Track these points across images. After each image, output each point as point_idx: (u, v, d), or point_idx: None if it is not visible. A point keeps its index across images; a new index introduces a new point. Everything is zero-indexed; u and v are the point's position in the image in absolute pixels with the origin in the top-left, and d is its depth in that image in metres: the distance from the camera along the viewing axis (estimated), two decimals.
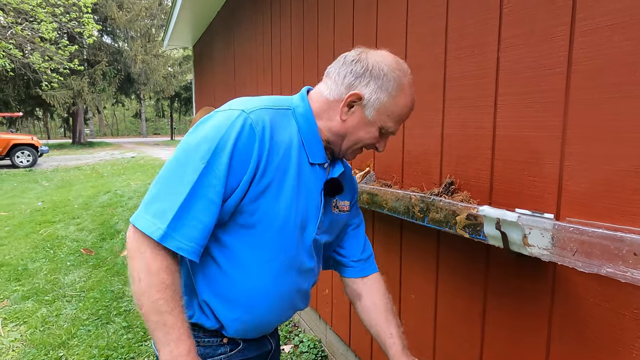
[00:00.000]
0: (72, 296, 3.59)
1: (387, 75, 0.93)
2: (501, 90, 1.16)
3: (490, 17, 1.18)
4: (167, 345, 0.81)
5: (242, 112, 0.88)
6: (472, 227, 1.14)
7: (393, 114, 0.94)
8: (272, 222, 0.91)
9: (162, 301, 0.80)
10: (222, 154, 0.83)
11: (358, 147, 1.00)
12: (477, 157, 1.25)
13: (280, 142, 0.91)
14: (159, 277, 0.81)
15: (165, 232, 0.80)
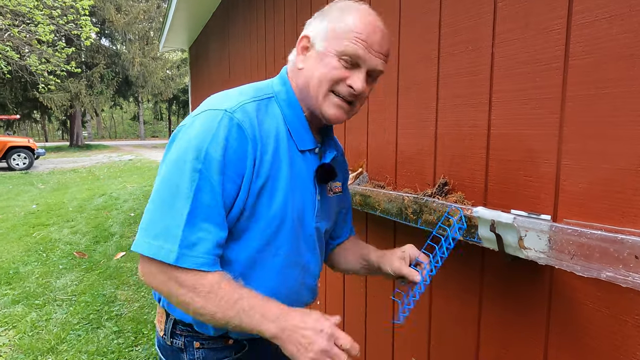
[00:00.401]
0: (63, 300, 3.53)
1: (331, 7, 0.92)
2: (496, 87, 1.12)
3: (484, 11, 1.14)
4: (261, 324, 0.78)
5: (225, 112, 0.84)
6: (466, 229, 1.10)
7: (344, 32, 0.87)
8: (271, 219, 0.89)
9: (225, 298, 0.78)
10: (214, 162, 0.80)
11: (326, 89, 0.89)
12: (472, 157, 1.20)
13: (269, 136, 0.88)
14: (207, 284, 0.79)
15: (179, 252, 0.77)
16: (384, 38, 0.91)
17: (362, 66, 0.89)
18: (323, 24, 0.91)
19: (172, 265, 0.77)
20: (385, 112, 1.60)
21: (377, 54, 0.89)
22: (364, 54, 0.87)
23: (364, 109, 1.73)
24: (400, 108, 1.52)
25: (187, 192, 0.79)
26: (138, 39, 26.35)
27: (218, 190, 0.81)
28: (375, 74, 0.93)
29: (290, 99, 0.95)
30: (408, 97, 1.47)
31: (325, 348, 0.75)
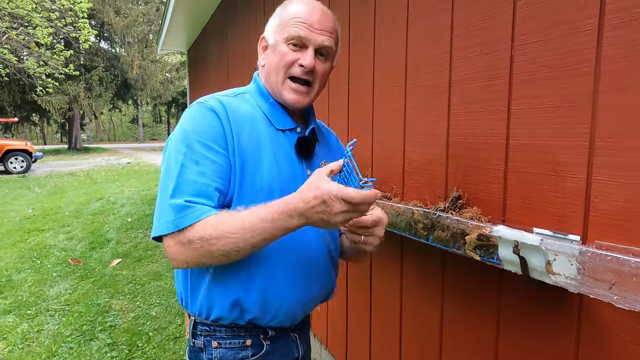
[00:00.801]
0: (56, 310, 3.42)
1: (277, 10, 1.03)
2: (516, 93, 1.02)
3: (502, 11, 1.05)
4: (282, 221, 0.81)
5: (199, 103, 0.96)
6: (484, 248, 1.00)
7: (288, 21, 0.97)
8: (259, 190, 0.93)
9: (244, 216, 0.82)
10: (195, 142, 0.89)
11: (282, 75, 1.00)
12: (488, 169, 1.11)
13: (243, 117, 0.97)
14: (221, 222, 0.83)
15: (176, 218, 0.84)
16: (324, 16, 0.99)
17: (309, 45, 0.97)
18: (273, 21, 1.03)
19: (179, 230, 0.84)
20: (391, 117, 1.51)
21: (319, 32, 0.97)
22: (306, 33, 0.96)
23: (368, 115, 1.64)
24: (408, 114, 1.42)
25: (174, 171, 0.88)
26: (137, 41, 26.26)
27: (204, 163, 0.88)
28: (325, 50, 1.00)
29: (261, 91, 1.06)
30: (416, 102, 1.38)
31: (341, 210, 0.76)
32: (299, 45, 0.97)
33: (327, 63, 1.03)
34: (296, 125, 1.07)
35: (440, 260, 1.30)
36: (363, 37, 1.67)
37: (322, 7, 1.01)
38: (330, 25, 1.00)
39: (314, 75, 1.00)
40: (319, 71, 1.00)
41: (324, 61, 1.02)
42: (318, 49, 0.98)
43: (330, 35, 1.00)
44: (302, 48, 0.98)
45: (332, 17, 1.03)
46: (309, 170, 1.05)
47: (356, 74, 1.74)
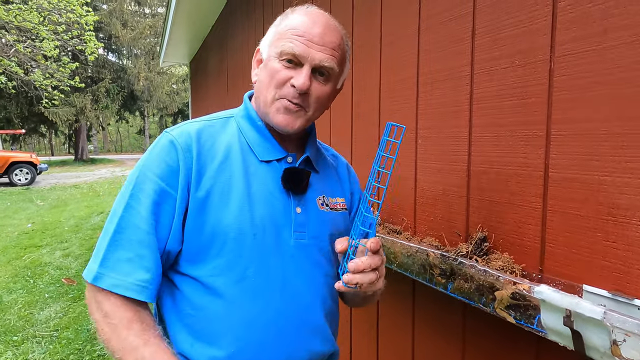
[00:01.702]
0: (43, 337, 3.23)
1: (277, 19, 0.90)
2: (557, 115, 0.83)
3: (538, 14, 0.86)
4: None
5: (165, 133, 0.85)
6: (520, 310, 0.80)
7: (282, 34, 0.84)
8: (226, 233, 0.80)
9: (132, 337, 0.73)
10: (147, 180, 0.80)
11: (272, 95, 0.85)
12: (521, 206, 0.91)
13: (216, 150, 0.85)
14: (118, 315, 0.74)
15: (98, 271, 0.75)
16: (326, 30, 0.84)
17: (305, 63, 0.82)
18: (270, 32, 0.90)
19: (95, 285, 0.76)
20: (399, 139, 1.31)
21: (319, 48, 0.82)
22: (302, 50, 0.81)
23: (374, 134, 1.45)
24: (420, 134, 1.23)
25: (118, 212, 0.79)
26: (144, 53, 26.42)
27: (150, 207, 0.78)
28: (325, 70, 0.84)
29: (248, 114, 0.93)
30: (430, 121, 1.18)
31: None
32: (294, 62, 0.83)
33: (327, 85, 0.87)
34: (286, 155, 0.91)
35: (460, 312, 1.09)
36: (367, 46, 1.48)
37: (327, 19, 0.86)
38: (334, 41, 0.84)
39: (308, 99, 0.84)
40: (314, 94, 0.84)
41: (324, 83, 0.86)
42: (316, 68, 0.83)
43: (333, 52, 0.84)
44: (297, 65, 0.83)
45: (339, 31, 0.87)
46: (300, 207, 0.89)
47: (360, 88, 1.55)
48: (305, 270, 0.88)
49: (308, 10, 0.87)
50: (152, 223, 0.78)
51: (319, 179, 0.96)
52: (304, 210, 0.89)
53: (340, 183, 1.03)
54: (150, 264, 0.78)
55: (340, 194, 1.01)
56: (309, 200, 0.91)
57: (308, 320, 0.86)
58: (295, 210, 0.88)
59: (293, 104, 0.84)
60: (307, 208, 0.90)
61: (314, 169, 0.95)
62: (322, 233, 0.91)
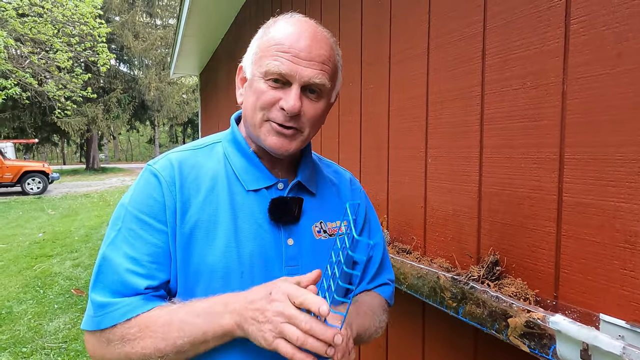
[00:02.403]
0: (52, 348, 3.24)
1: (259, 31, 0.83)
2: (570, 138, 0.81)
3: (549, 37, 0.85)
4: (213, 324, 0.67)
5: (147, 165, 0.82)
6: (534, 338, 0.78)
7: (266, 50, 0.77)
8: (212, 271, 0.76)
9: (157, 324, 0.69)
10: (133, 217, 0.76)
11: (260, 118, 0.78)
12: (534, 230, 0.89)
13: (200, 181, 0.80)
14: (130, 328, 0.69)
15: (96, 315, 0.71)
16: (314, 42, 0.76)
17: (293, 82, 0.75)
18: (252, 47, 0.82)
19: (99, 330, 0.72)
20: (409, 157, 1.31)
21: (307, 64, 0.75)
22: (289, 68, 0.74)
23: (383, 153, 1.44)
24: (430, 154, 1.22)
25: (104, 250, 0.76)
26: (155, 64, 26.82)
27: (137, 245, 0.74)
28: (316, 87, 0.77)
29: (235, 138, 0.87)
30: (440, 140, 1.17)
31: (278, 309, 0.62)
32: (279, 82, 0.76)
33: (320, 102, 0.79)
34: (276, 181, 0.84)
35: (472, 336, 1.07)
36: (376, 64, 1.48)
37: (313, 28, 0.78)
38: (322, 54, 0.76)
39: (300, 120, 0.77)
40: (307, 114, 0.77)
41: (316, 100, 0.79)
42: (306, 85, 0.76)
43: (323, 67, 0.76)
44: (284, 85, 0.76)
45: (328, 41, 0.79)
46: (292, 238, 0.82)
47: (369, 107, 1.55)
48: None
49: (292, 19, 0.79)
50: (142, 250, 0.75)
51: (315, 204, 0.88)
52: (296, 241, 0.83)
53: (342, 203, 0.95)
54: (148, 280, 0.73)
55: (340, 217, 0.92)
56: (303, 230, 0.84)
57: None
58: (287, 242, 0.82)
59: (286, 128, 0.77)
60: (300, 239, 0.83)
61: (308, 192, 0.88)
62: (319, 264, 0.82)
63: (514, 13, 0.93)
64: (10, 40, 10.72)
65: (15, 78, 12.58)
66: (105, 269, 0.74)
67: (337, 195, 0.95)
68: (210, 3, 3.84)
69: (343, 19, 1.72)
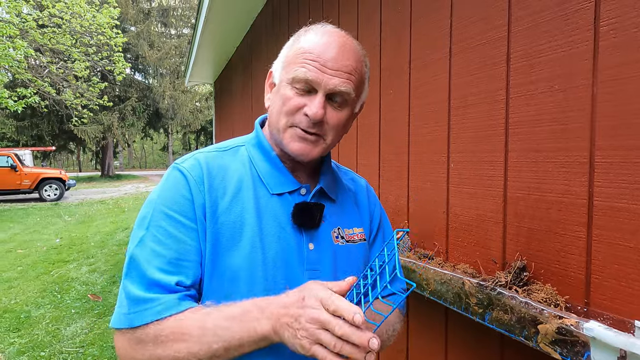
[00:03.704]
0: (70, 353, 3.27)
1: (291, 39, 0.85)
2: (601, 141, 0.80)
3: (578, 40, 0.84)
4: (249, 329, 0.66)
5: (174, 164, 0.83)
6: (567, 346, 0.76)
7: (295, 57, 0.79)
8: (237, 273, 0.77)
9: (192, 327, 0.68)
10: (162, 215, 0.76)
11: (284, 123, 0.80)
12: (563, 235, 0.87)
13: (227, 182, 0.81)
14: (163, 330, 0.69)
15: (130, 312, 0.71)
16: (343, 52, 0.78)
17: (319, 89, 0.77)
18: (282, 54, 0.85)
19: (131, 328, 0.70)
20: (431, 162, 1.30)
21: (333, 73, 0.77)
22: (315, 75, 0.76)
23: (404, 157, 1.44)
24: (452, 159, 1.21)
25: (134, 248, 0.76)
26: (169, 73, 27.25)
27: (167, 242, 0.74)
28: (340, 96, 0.79)
29: (259, 142, 0.89)
30: (463, 145, 1.17)
31: (312, 316, 0.61)
32: (305, 89, 0.78)
33: (343, 111, 0.81)
34: (299, 186, 0.86)
35: (497, 343, 1.05)
36: (396, 70, 1.48)
37: (344, 39, 0.80)
38: (350, 64, 0.78)
39: (323, 127, 0.80)
40: (330, 122, 0.80)
41: (339, 108, 0.80)
42: (330, 94, 0.78)
43: (349, 77, 0.78)
44: (310, 92, 0.78)
45: (357, 52, 0.81)
46: (313, 243, 0.84)
47: (389, 113, 1.55)
48: None
49: (323, 29, 0.81)
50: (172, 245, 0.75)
51: (334, 210, 0.90)
52: (317, 246, 0.84)
53: (359, 211, 0.97)
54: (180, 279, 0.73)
55: (359, 224, 0.95)
56: (323, 235, 0.86)
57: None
58: (308, 246, 0.83)
59: (309, 134, 0.79)
60: (320, 243, 0.85)
61: (329, 198, 0.90)
62: (337, 269, 0.85)
63: (540, 16, 0.92)
64: (30, 51, 10.98)
65: (35, 87, 12.86)
66: (135, 267, 0.74)
67: (355, 202, 0.97)
68: (226, 12, 3.90)
69: (362, 24, 1.73)
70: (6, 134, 22.97)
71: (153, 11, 27.59)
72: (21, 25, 11.55)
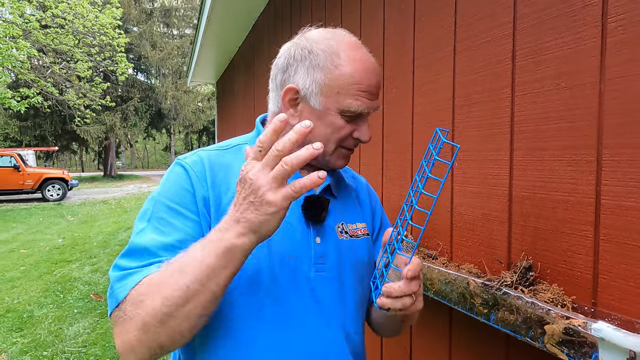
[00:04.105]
0: (72, 352, 3.27)
1: (312, 52, 0.80)
2: (608, 139, 0.79)
3: (585, 36, 0.83)
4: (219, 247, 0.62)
5: (177, 160, 0.84)
6: (574, 346, 0.75)
7: (344, 88, 0.78)
8: (243, 269, 0.71)
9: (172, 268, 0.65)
10: (164, 207, 0.76)
11: (333, 147, 0.83)
12: (570, 234, 0.86)
13: (229, 180, 0.81)
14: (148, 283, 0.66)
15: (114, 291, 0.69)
16: (379, 78, 0.83)
17: (365, 115, 0.83)
18: (315, 74, 0.79)
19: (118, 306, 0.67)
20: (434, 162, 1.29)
21: (375, 97, 0.83)
22: (368, 106, 0.81)
23: (407, 155, 1.43)
24: (456, 158, 1.20)
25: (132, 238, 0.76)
26: (171, 73, 27.31)
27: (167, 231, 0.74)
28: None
29: None
30: (467, 144, 1.16)
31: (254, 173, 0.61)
32: (354, 117, 0.82)
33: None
34: None
35: (503, 344, 1.04)
36: (399, 69, 1.47)
37: (373, 60, 0.84)
38: (379, 82, 0.85)
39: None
40: None
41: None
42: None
43: (379, 94, 0.86)
44: (357, 117, 0.83)
45: (379, 69, 0.87)
46: (319, 237, 0.85)
47: (391, 111, 1.54)
48: (325, 304, 0.83)
49: (357, 53, 0.80)
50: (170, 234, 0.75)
51: (337, 206, 0.91)
52: (323, 240, 0.85)
53: (361, 207, 0.99)
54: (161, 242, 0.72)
55: (361, 219, 0.96)
56: (328, 229, 0.87)
57: (331, 358, 0.82)
58: (315, 240, 0.84)
59: (352, 150, 0.87)
60: (326, 238, 0.86)
61: (332, 195, 0.91)
62: (342, 263, 0.87)
63: (546, 13, 0.91)
64: (33, 51, 11.01)
65: (38, 87, 12.90)
66: (127, 249, 0.73)
67: (357, 199, 1.00)
68: (228, 12, 3.89)
69: (364, 23, 1.72)
70: (9, 134, 23.07)
71: (155, 12, 27.65)
72: (24, 26, 11.58)
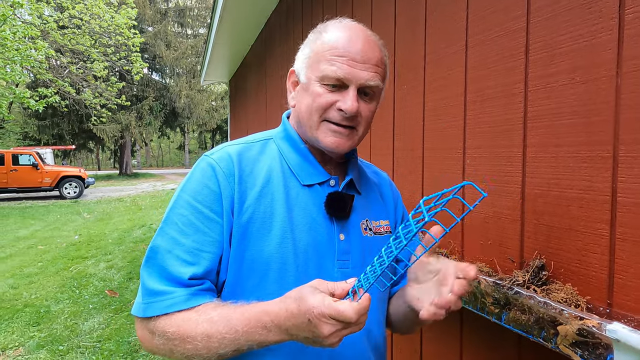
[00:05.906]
0: (87, 347, 3.33)
1: (310, 36, 0.85)
2: (625, 135, 0.76)
3: (600, 29, 0.80)
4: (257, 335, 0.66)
5: (204, 155, 0.84)
6: (588, 348, 0.73)
7: (321, 54, 0.79)
8: (268, 263, 0.77)
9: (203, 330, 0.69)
10: (188, 206, 0.77)
11: (317, 119, 0.81)
12: (585, 233, 0.84)
13: (257, 173, 0.82)
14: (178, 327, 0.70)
15: (146, 302, 0.74)
16: (367, 46, 0.79)
17: (350, 84, 0.78)
18: (304, 52, 0.85)
19: (144, 318, 0.74)
20: (445, 157, 1.27)
21: (363, 67, 0.78)
22: (346, 72, 0.77)
23: (418, 156, 1.41)
24: (468, 154, 1.18)
25: (157, 239, 0.78)
26: (185, 72, 27.56)
27: (190, 233, 0.76)
28: (370, 89, 0.81)
29: (288, 135, 0.89)
30: (479, 140, 1.13)
31: (332, 331, 0.61)
32: (336, 85, 0.79)
33: (372, 103, 0.84)
34: (329, 178, 0.87)
35: (514, 344, 1.02)
36: (410, 64, 1.45)
37: (365, 32, 0.82)
38: (376, 56, 0.80)
39: (356, 120, 0.81)
40: (363, 114, 0.81)
41: (369, 101, 0.83)
42: (360, 87, 0.79)
43: (377, 69, 0.80)
44: (340, 88, 0.79)
45: (379, 43, 0.83)
46: (343, 233, 0.84)
47: (402, 108, 1.52)
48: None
49: (343, 24, 0.82)
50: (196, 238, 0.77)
51: (362, 202, 0.92)
52: (347, 237, 0.85)
53: (384, 203, 0.99)
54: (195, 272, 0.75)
55: (385, 216, 0.96)
56: (353, 226, 0.87)
57: (354, 356, 0.82)
58: (339, 237, 0.84)
59: (343, 127, 0.81)
60: (350, 234, 0.86)
61: (357, 191, 0.92)
62: (365, 261, 0.86)
63: (561, 5, 0.89)
64: (51, 51, 11.22)
65: (55, 87, 13.15)
66: (153, 257, 0.76)
67: (380, 194, 0.99)
68: (240, 11, 3.91)
69: (375, 18, 1.71)
70: (28, 133, 23.58)
71: (170, 11, 27.95)
72: (42, 27, 11.81)
